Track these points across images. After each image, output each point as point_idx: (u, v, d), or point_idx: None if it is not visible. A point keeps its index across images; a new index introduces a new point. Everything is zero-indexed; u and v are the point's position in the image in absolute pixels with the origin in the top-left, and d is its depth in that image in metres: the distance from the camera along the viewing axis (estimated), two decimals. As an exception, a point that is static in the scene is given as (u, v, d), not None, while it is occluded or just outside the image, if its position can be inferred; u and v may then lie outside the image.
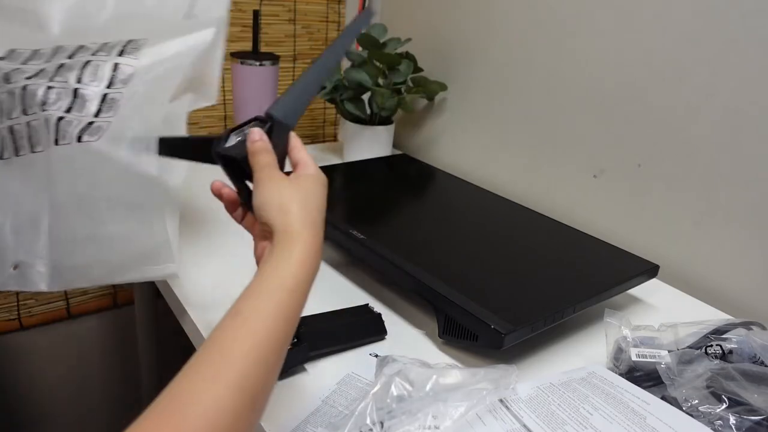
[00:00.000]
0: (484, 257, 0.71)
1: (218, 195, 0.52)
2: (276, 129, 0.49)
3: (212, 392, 0.34)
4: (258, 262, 0.49)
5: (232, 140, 0.50)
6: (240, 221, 0.53)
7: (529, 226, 0.81)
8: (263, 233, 0.47)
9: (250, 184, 0.49)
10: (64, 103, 0.57)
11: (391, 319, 0.66)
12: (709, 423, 0.50)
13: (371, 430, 0.46)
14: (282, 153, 0.50)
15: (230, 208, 0.53)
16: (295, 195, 0.45)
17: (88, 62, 0.59)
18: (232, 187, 0.51)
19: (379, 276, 0.74)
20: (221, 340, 0.37)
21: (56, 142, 0.56)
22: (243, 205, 0.52)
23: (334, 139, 1.39)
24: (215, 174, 0.51)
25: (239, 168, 0.49)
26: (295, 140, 0.51)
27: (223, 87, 1.17)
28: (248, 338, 0.37)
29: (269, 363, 0.37)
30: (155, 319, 1.13)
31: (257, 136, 0.48)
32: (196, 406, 0.33)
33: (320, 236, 0.45)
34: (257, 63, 1.00)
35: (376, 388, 0.49)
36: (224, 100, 1.18)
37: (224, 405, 0.34)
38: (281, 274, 0.40)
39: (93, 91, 0.58)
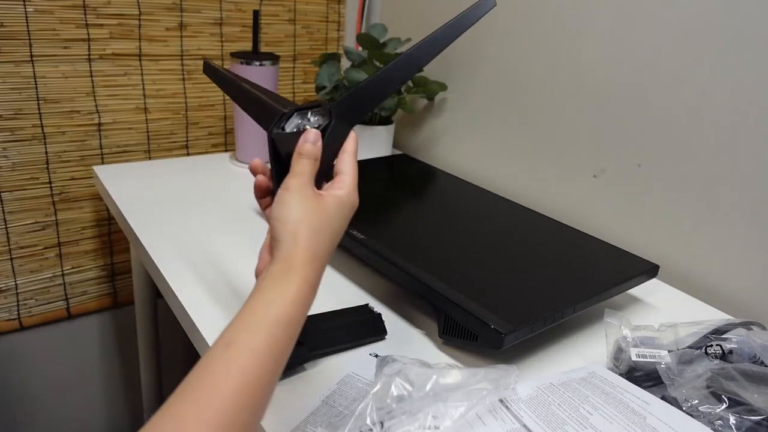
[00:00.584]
0: (484, 257, 0.71)
1: (254, 174, 0.51)
2: (334, 128, 0.47)
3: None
4: (257, 273, 0.47)
5: (292, 123, 0.48)
6: (264, 209, 0.52)
7: (529, 226, 0.81)
8: (271, 244, 0.45)
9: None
10: None
11: (391, 319, 0.66)
12: (709, 423, 0.50)
13: (371, 430, 0.46)
14: (335, 152, 0.48)
15: (258, 193, 0.52)
16: (313, 219, 0.43)
17: None
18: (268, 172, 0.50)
19: (379, 276, 0.74)
20: (211, 374, 0.35)
21: None
22: (273, 194, 0.50)
23: (334, 139, 1.39)
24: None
25: (283, 158, 0.47)
26: (350, 143, 0.49)
27: (223, 87, 1.17)
28: (238, 376, 0.35)
29: (257, 403, 0.36)
30: (155, 319, 1.13)
31: (312, 138, 0.46)
32: None
33: (322, 269, 0.43)
34: (257, 63, 1.00)
35: (376, 388, 0.49)
36: (224, 100, 1.18)
37: None
38: (276, 310, 0.39)
39: None
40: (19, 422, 1.18)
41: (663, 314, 0.73)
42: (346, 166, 0.48)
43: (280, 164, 0.48)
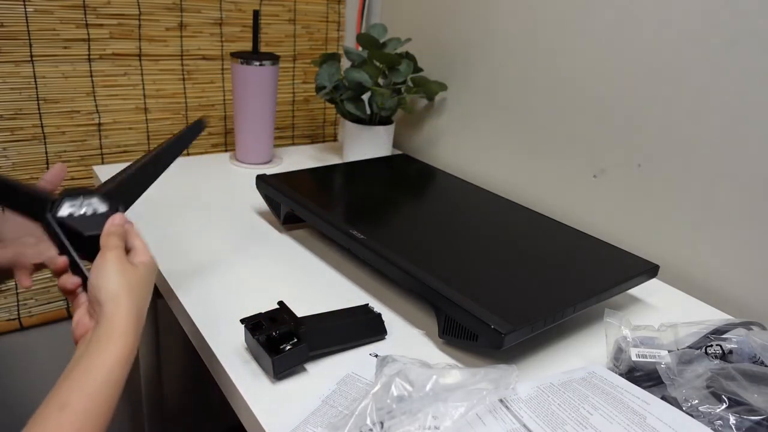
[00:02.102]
0: (484, 257, 0.71)
1: (57, 275, 0.55)
2: (111, 211, 0.55)
3: None
4: (76, 339, 0.51)
5: (69, 209, 0.53)
6: (76, 308, 0.54)
7: (529, 226, 0.81)
8: (91, 310, 0.50)
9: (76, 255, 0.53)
10: None
11: (391, 319, 0.66)
12: (709, 423, 0.50)
13: (371, 430, 0.46)
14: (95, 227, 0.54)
15: (67, 294, 0.55)
16: (132, 285, 0.49)
17: None
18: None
19: (379, 276, 0.74)
20: None
21: None
22: (74, 272, 0.54)
23: (334, 139, 1.39)
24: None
25: (79, 241, 0.52)
26: (130, 226, 0.56)
27: (223, 87, 1.17)
28: None
29: None
30: (155, 319, 1.13)
31: (119, 220, 0.54)
32: None
33: (140, 329, 0.49)
34: (257, 63, 1.00)
35: (376, 388, 0.49)
36: (224, 100, 1.18)
37: None
38: (105, 370, 0.44)
39: None
40: (18, 422, 1.18)
41: (663, 314, 0.73)
42: (138, 242, 0.55)
43: (72, 248, 0.53)
